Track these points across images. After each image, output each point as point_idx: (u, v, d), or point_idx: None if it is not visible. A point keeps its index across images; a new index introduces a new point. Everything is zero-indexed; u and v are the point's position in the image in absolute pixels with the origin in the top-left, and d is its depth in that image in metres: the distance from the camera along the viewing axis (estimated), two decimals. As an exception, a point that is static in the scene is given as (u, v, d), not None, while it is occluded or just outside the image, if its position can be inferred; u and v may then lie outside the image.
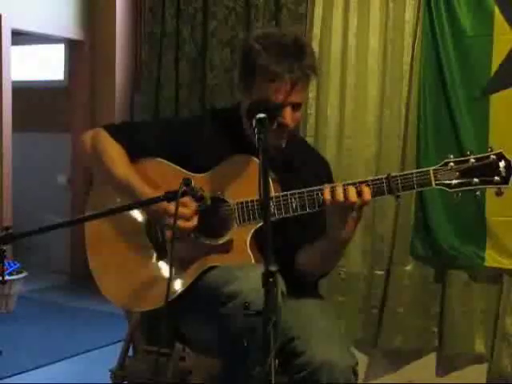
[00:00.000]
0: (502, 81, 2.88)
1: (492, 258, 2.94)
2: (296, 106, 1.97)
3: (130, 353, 3.15)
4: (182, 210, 1.86)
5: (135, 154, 2.07)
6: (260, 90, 1.93)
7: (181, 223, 1.87)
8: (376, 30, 3.06)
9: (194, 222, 1.92)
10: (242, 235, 1.94)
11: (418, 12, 2.99)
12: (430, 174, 1.82)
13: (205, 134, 2.09)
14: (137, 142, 2.08)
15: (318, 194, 1.88)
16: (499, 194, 1.80)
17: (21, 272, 4.87)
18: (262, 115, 1.72)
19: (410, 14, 3.00)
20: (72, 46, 5.60)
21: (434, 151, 2.98)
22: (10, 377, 3.50)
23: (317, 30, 3.13)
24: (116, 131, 2.09)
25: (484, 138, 2.90)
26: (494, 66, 2.87)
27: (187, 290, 1.96)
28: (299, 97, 1.96)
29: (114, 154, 2.05)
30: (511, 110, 2.88)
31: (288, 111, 1.94)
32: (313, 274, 2.10)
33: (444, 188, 1.81)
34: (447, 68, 2.93)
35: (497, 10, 2.85)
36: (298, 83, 1.93)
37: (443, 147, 2.96)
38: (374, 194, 1.85)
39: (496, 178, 1.79)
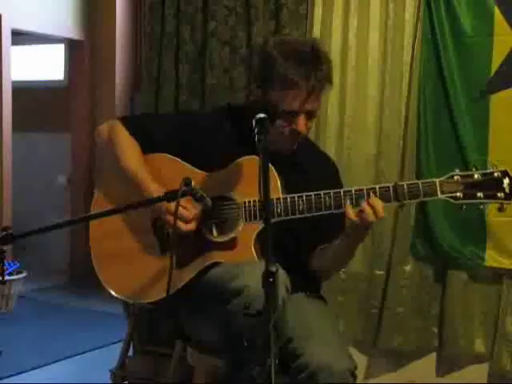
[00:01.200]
0: (502, 81, 2.87)
1: (492, 258, 2.93)
2: (310, 114, 1.99)
3: (130, 353, 3.16)
4: (182, 211, 1.88)
5: (149, 148, 2.11)
6: (276, 97, 1.95)
7: (180, 224, 1.89)
8: (376, 30, 3.06)
9: (193, 225, 1.95)
10: (247, 233, 1.96)
11: (418, 12, 2.98)
12: (435, 185, 1.89)
13: (220, 132, 2.12)
14: (151, 137, 2.11)
15: (325, 198, 1.90)
16: (501, 209, 1.89)
17: (21, 272, 4.88)
18: (261, 115, 1.73)
19: (410, 14, 2.99)
20: (72, 46, 5.61)
21: (434, 151, 2.97)
22: (9, 377, 3.51)
23: (317, 30, 3.13)
24: (132, 125, 2.13)
25: (484, 139, 2.90)
26: (494, 66, 2.87)
27: (190, 287, 1.97)
28: (314, 105, 1.99)
29: (127, 147, 2.09)
30: (511, 111, 2.88)
31: (302, 119, 1.98)
32: (329, 272, 2.16)
33: (449, 199, 1.86)
34: (447, 68, 2.93)
35: (497, 10, 2.84)
36: (314, 92, 1.96)
37: (443, 147, 2.96)
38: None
39: (499, 193, 1.87)
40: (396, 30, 3.03)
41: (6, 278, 4.53)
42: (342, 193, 1.91)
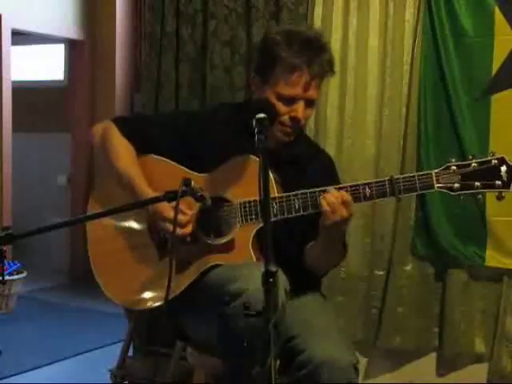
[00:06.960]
0: (502, 81, 2.87)
1: (492, 258, 2.94)
2: (309, 103, 1.99)
3: (130, 353, 3.16)
4: (178, 216, 1.86)
5: (143, 148, 2.09)
6: (277, 82, 1.96)
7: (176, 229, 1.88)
8: (376, 29, 3.06)
9: (189, 229, 1.95)
10: (245, 235, 1.95)
11: (418, 12, 2.98)
12: (432, 177, 1.86)
13: (216, 131, 2.11)
14: (145, 138, 2.09)
15: (320, 195, 1.89)
16: (500, 198, 1.86)
17: (21, 272, 4.87)
18: (261, 115, 1.72)
19: (409, 14, 3.00)
20: (72, 46, 5.61)
21: (435, 152, 2.97)
22: (9, 377, 3.51)
23: (317, 30, 3.13)
24: (126, 126, 2.11)
25: (485, 139, 2.89)
26: (495, 67, 2.87)
27: (189, 289, 1.96)
28: (314, 93, 2.00)
29: (121, 150, 2.07)
30: (512, 111, 2.88)
31: (301, 105, 1.98)
32: (321, 269, 2.12)
33: (446, 191, 1.84)
34: (448, 68, 2.93)
35: (497, 10, 2.84)
36: (315, 78, 1.97)
37: (443, 147, 2.95)
38: (377, 196, 1.88)
39: (497, 182, 1.84)
40: (396, 30, 3.03)
41: (6, 278, 4.53)
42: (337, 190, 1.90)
